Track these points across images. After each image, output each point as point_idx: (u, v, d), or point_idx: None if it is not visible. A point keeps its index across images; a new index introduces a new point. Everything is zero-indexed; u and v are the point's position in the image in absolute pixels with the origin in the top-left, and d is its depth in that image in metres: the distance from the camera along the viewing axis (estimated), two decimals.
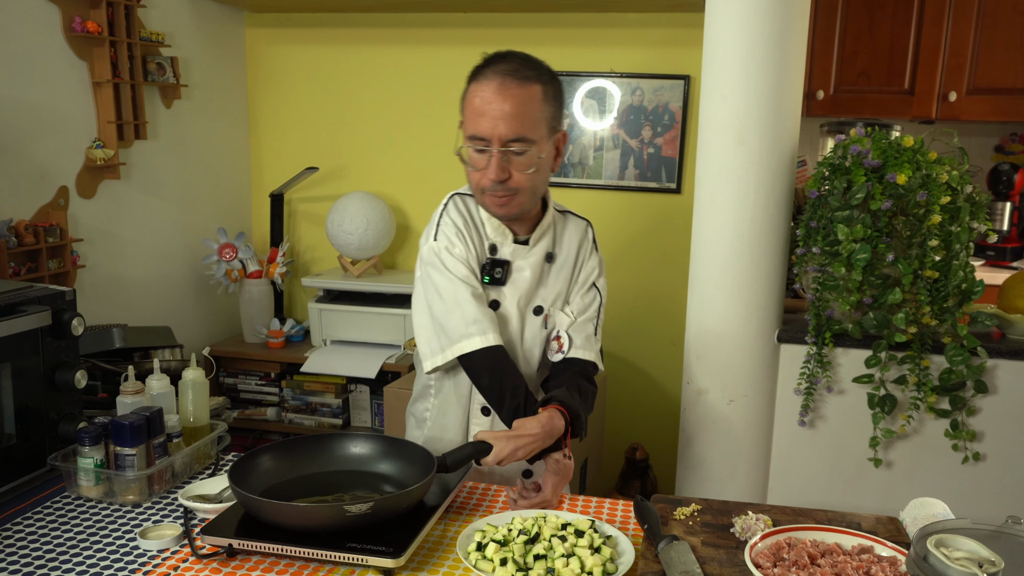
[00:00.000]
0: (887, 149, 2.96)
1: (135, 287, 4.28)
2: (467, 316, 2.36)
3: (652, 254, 4.71)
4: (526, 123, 2.28)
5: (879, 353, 3.10)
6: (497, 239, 2.47)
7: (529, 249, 2.49)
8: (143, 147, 4.24)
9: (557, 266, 2.55)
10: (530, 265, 2.49)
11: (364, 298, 4.64)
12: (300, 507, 1.83)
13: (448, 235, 2.42)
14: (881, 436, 3.20)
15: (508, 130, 2.25)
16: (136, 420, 2.18)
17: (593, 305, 2.58)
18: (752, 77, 3.06)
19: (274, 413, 4.67)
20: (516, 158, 2.29)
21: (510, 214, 2.39)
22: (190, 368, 2.48)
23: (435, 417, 2.60)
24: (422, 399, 2.66)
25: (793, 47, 3.09)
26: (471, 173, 2.35)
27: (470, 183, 2.40)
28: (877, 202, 2.90)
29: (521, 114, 2.27)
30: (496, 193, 2.32)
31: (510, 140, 2.26)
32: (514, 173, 2.30)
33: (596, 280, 2.60)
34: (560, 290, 2.55)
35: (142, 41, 4.06)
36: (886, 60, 4.09)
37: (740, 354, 3.26)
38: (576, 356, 2.51)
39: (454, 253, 2.40)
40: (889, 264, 2.94)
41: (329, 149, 5.09)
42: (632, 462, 4.43)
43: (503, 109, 2.26)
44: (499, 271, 2.45)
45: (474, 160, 2.32)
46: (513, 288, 2.48)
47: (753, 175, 3.11)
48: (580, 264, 2.59)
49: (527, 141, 2.28)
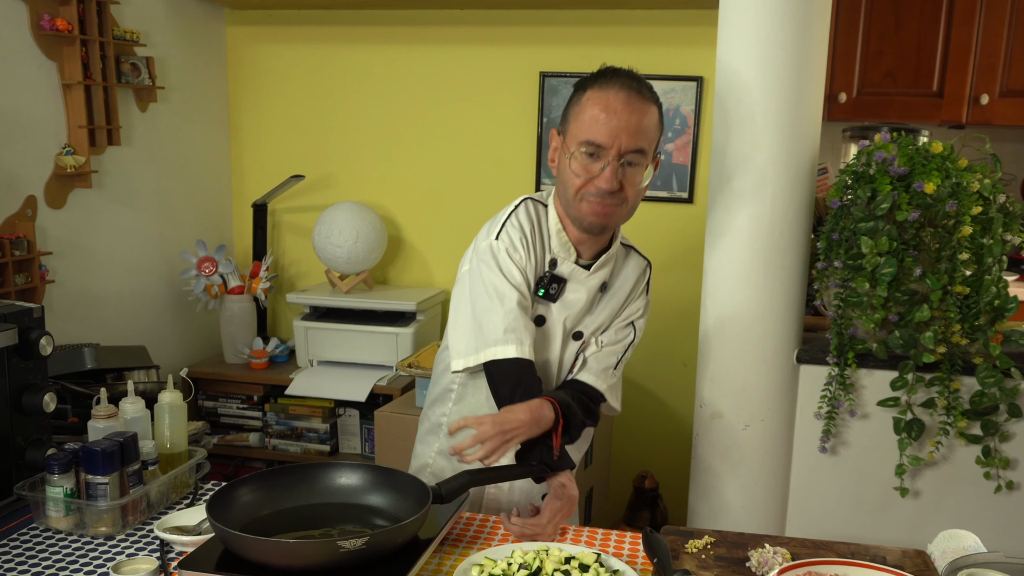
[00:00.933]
0: (914, 156, 2.97)
1: (108, 304, 4.28)
2: (508, 322, 2.42)
3: (662, 269, 4.69)
4: (645, 138, 2.40)
5: (906, 375, 3.10)
6: (560, 254, 2.55)
7: (589, 274, 2.57)
8: (116, 153, 4.24)
9: (607, 297, 2.63)
10: (586, 290, 2.57)
11: (353, 316, 4.64)
12: (289, 543, 1.82)
13: (512, 237, 2.49)
14: (908, 463, 3.20)
15: (630, 141, 2.36)
16: (109, 446, 2.18)
17: (624, 340, 2.67)
18: (769, 79, 3.06)
19: (257, 439, 4.67)
20: (630, 170, 2.40)
21: (606, 224, 2.47)
22: (167, 391, 2.48)
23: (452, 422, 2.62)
24: (440, 403, 2.69)
25: (813, 46, 3.09)
26: (572, 179, 2.42)
27: (566, 192, 2.46)
28: (903, 213, 2.90)
29: (644, 129, 2.39)
30: (604, 200, 2.40)
31: (629, 151, 2.37)
32: (625, 185, 2.41)
33: (636, 320, 2.68)
34: (603, 322, 2.63)
35: (115, 40, 4.07)
36: (913, 60, 4.10)
37: (756, 376, 3.26)
38: (582, 379, 2.55)
39: (513, 257, 2.47)
40: (916, 279, 2.95)
41: (316, 156, 5.09)
42: (641, 491, 4.42)
43: (629, 121, 2.36)
44: (555, 287, 2.53)
45: (584, 166, 2.40)
46: (562, 308, 2.55)
47: (770, 184, 3.12)
48: (628, 301, 2.67)
49: (643, 155, 2.39)
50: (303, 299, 4.68)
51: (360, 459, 4.56)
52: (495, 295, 2.44)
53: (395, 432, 3.86)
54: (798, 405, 3.32)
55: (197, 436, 2.93)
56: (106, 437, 2.24)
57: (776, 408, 3.29)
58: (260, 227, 4.96)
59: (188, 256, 4.64)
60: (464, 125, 4.82)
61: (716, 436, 3.34)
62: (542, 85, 4.65)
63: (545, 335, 2.54)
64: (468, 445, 2.19)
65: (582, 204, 2.43)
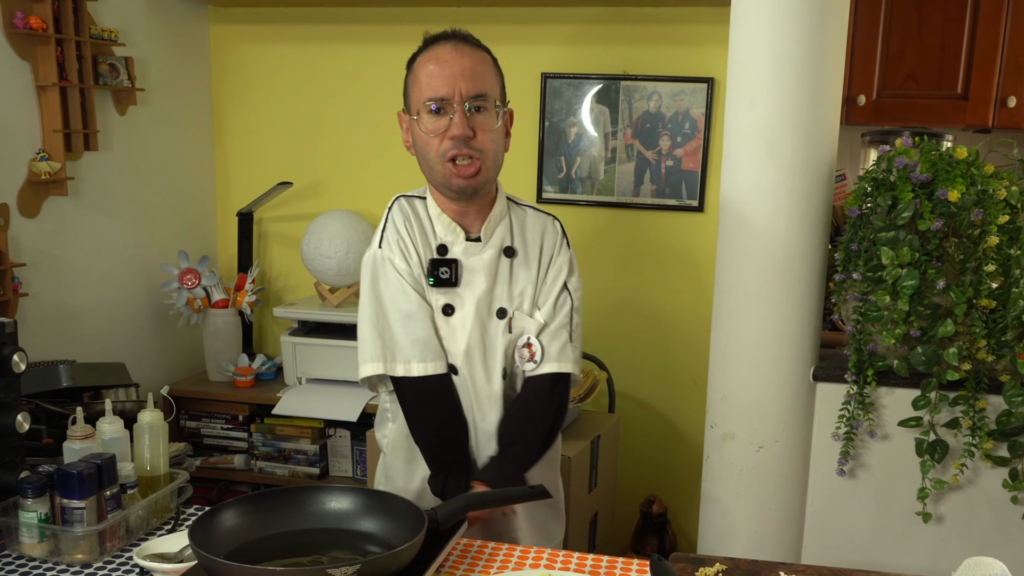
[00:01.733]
0: (937, 162, 2.97)
1: (84, 318, 4.29)
2: (410, 335, 2.54)
3: (670, 281, 4.72)
4: (485, 81, 2.51)
5: (928, 393, 3.10)
6: (448, 238, 2.62)
7: (482, 245, 2.62)
8: (94, 159, 4.25)
9: (519, 262, 2.66)
10: (484, 263, 2.62)
11: (344, 331, 4.63)
12: (276, 572, 1.82)
13: (391, 242, 2.59)
14: (931, 487, 3.20)
15: (470, 86, 2.47)
16: (85, 469, 2.18)
17: (564, 308, 2.69)
18: (784, 80, 3.07)
19: (242, 461, 4.67)
20: (478, 116, 2.49)
21: (477, 184, 2.53)
22: (147, 410, 2.48)
23: (393, 445, 2.71)
24: (380, 426, 2.78)
25: (831, 46, 3.10)
26: (430, 143, 2.52)
27: (428, 161, 2.56)
28: (926, 222, 2.91)
29: (480, 72, 2.50)
30: (462, 153, 2.48)
31: (471, 96, 2.46)
32: (478, 131, 2.49)
33: (567, 280, 2.71)
34: (524, 290, 2.66)
35: (92, 39, 4.08)
36: (936, 61, 4.11)
37: (771, 394, 3.26)
38: (549, 371, 2.63)
39: (396, 264, 2.56)
40: (940, 292, 2.95)
41: (305, 161, 5.10)
42: (648, 516, 4.42)
43: (462, 65, 2.48)
44: (445, 271, 2.58)
45: (432, 124, 2.50)
46: (470, 290, 2.61)
47: (785, 191, 3.13)
48: (548, 261, 2.71)
49: (487, 98, 2.49)
50: (291, 313, 4.68)
51: (351, 482, 4.56)
52: (391, 309, 2.57)
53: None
54: (815, 425, 3.33)
55: (179, 458, 2.93)
56: (82, 459, 2.24)
57: (791, 429, 3.29)
58: (245, 237, 4.97)
59: (169, 268, 4.64)
60: None
61: (728, 458, 3.34)
62: (544, 87, 4.66)
63: (461, 324, 2.59)
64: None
65: (447, 168, 2.51)
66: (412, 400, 2.58)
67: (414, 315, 2.54)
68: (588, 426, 4.04)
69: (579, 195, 4.72)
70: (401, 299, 2.55)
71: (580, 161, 4.73)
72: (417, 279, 2.57)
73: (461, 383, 2.60)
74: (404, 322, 2.54)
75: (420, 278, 2.58)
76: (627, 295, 4.69)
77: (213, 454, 4.70)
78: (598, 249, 4.72)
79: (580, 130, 4.69)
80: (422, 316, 2.55)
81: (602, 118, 4.65)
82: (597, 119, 4.66)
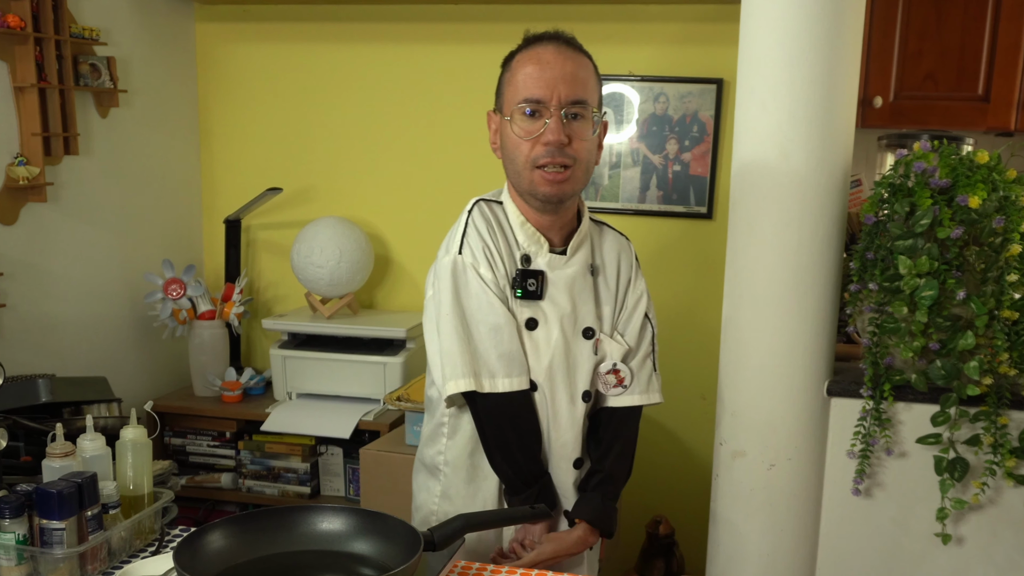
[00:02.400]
0: (957, 166, 2.97)
1: (64, 330, 4.29)
2: (497, 349, 2.52)
3: (678, 291, 4.72)
4: (586, 87, 2.50)
5: (948, 409, 3.10)
6: (531, 248, 2.60)
7: (567, 259, 2.62)
8: (74, 164, 4.26)
9: (602, 281, 2.69)
10: (568, 278, 2.62)
11: (337, 343, 4.64)
12: None
13: (474, 249, 2.55)
14: (950, 507, 3.19)
15: (569, 91, 2.45)
16: (65, 488, 2.18)
17: (647, 337, 2.75)
18: (797, 80, 3.08)
19: (229, 480, 4.67)
20: (575, 123, 2.48)
21: (562, 192, 2.52)
22: (130, 426, 2.48)
23: (454, 462, 2.67)
24: (433, 441, 2.74)
25: (846, 45, 3.10)
26: (520, 146, 2.50)
27: (515, 165, 2.54)
28: (945, 229, 2.91)
29: (581, 77, 2.49)
30: (554, 161, 2.46)
31: (570, 102, 2.45)
32: (573, 139, 2.47)
33: (648, 310, 2.77)
34: (610, 312, 2.70)
35: (73, 38, 4.09)
36: (956, 61, 4.10)
37: (783, 410, 3.26)
38: (638, 403, 2.72)
39: (481, 272, 2.53)
40: (960, 303, 2.95)
41: (295, 166, 5.10)
42: (655, 538, 4.42)
43: (564, 69, 2.46)
44: (532, 283, 2.57)
45: (526, 128, 2.48)
46: (553, 306, 2.59)
47: (798, 197, 3.13)
48: (626, 286, 2.75)
49: (586, 105, 2.48)
50: (281, 325, 4.69)
51: (344, 502, 4.56)
52: (474, 319, 2.53)
53: (383, 472, 3.87)
54: (829, 442, 3.33)
55: (163, 477, 2.93)
56: (62, 478, 2.24)
57: (804, 446, 3.29)
58: (233, 245, 4.97)
59: (153, 277, 4.65)
60: (460, 132, 4.82)
61: (738, 477, 3.34)
62: None
63: (545, 340, 2.59)
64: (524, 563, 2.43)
65: (534, 173, 2.49)
66: (495, 417, 2.56)
67: (501, 328, 2.52)
68: None
69: None
70: (487, 310, 2.52)
71: None
72: (502, 289, 2.56)
73: (540, 400, 2.60)
74: (491, 335, 2.52)
75: (505, 288, 2.56)
76: None
77: (199, 473, 4.70)
78: None
79: None
80: (509, 329, 2.53)
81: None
82: None
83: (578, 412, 2.63)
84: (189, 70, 5.06)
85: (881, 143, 4.50)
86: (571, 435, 2.63)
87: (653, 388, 2.75)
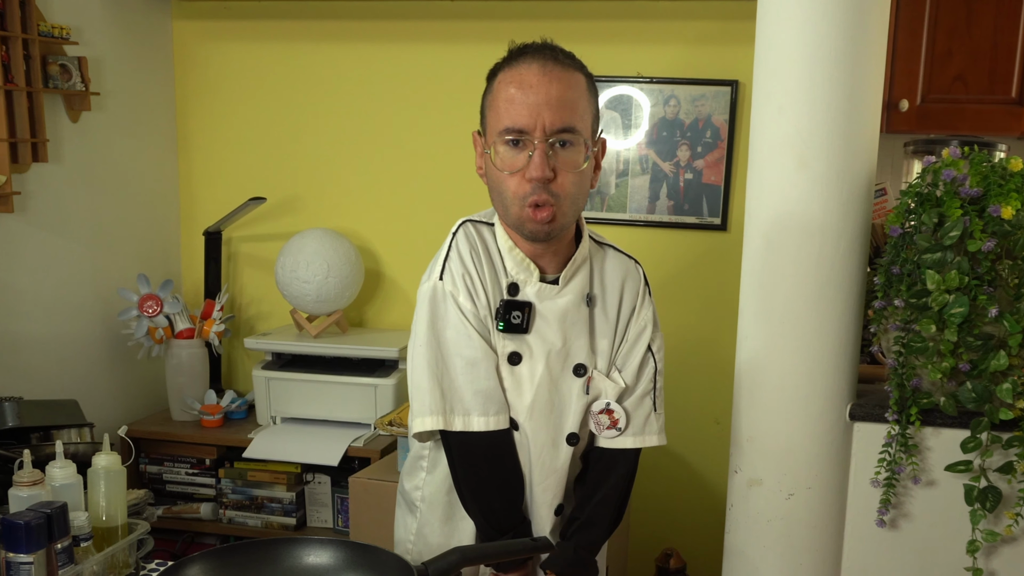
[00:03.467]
0: (989, 175, 2.97)
1: (32, 350, 4.29)
2: (473, 385, 2.49)
3: (689, 308, 4.72)
4: (575, 111, 2.39)
5: (979, 434, 3.10)
6: (520, 276, 2.55)
7: (559, 289, 2.56)
8: (43, 171, 4.26)
9: (599, 312, 2.63)
10: (559, 309, 2.56)
11: (324, 364, 4.65)
12: None
13: (455, 275, 2.52)
14: (982, 539, 3.19)
15: (555, 118, 2.35)
16: (34, 519, 2.18)
17: (647, 373, 2.67)
18: (818, 82, 3.08)
19: (209, 510, 4.67)
20: (562, 153, 2.39)
21: (551, 229, 2.45)
22: (102, 453, 2.49)
23: (430, 499, 2.66)
24: (412, 474, 2.73)
25: (870, 45, 3.11)
26: (505, 180, 2.42)
27: (502, 198, 2.48)
28: (976, 242, 2.91)
29: (569, 100, 2.38)
30: (538, 199, 2.39)
31: (556, 130, 2.35)
32: (559, 172, 2.39)
33: (652, 343, 2.69)
34: (607, 347, 2.63)
35: (41, 37, 4.09)
36: (988, 61, 4.11)
37: (802, 435, 3.26)
38: (632, 445, 2.64)
39: (460, 301, 2.50)
40: (992, 321, 2.95)
41: (280, 174, 5.11)
42: (665, 572, 4.42)
43: (548, 93, 2.35)
44: (517, 315, 2.52)
45: (508, 160, 2.40)
46: (539, 339, 2.55)
47: (819, 208, 3.13)
48: (628, 315, 2.68)
49: (575, 132, 2.38)
50: (264, 344, 4.69)
51: (332, 534, 4.56)
52: (451, 351, 2.51)
53: (373, 502, 3.87)
54: (851, 470, 3.33)
55: (138, 507, 2.93)
56: (31, 508, 2.25)
57: (825, 474, 3.29)
58: (213, 259, 4.97)
59: (128, 293, 4.65)
60: (457, 138, 4.76)
61: (754, 507, 3.34)
62: None
63: (528, 378, 2.56)
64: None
65: (524, 213, 2.43)
66: (468, 457, 2.53)
67: (478, 363, 2.50)
68: None
69: (588, 212, 4.70)
70: (464, 343, 2.50)
71: None
72: (483, 321, 2.53)
73: (521, 441, 2.58)
74: (467, 369, 2.49)
75: (486, 319, 2.53)
76: None
77: (177, 502, 4.70)
78: None
79: None
80: (487, 364, 2.50)
81: (613, 125, 4.66)
82: (608, 126, 4.66)
83: (562, 456, 2.61)
84: (166, 71, 5.07)
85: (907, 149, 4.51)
86: (553, 480, 2.61)
87: (651, 429, 2.68)
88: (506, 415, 2.53)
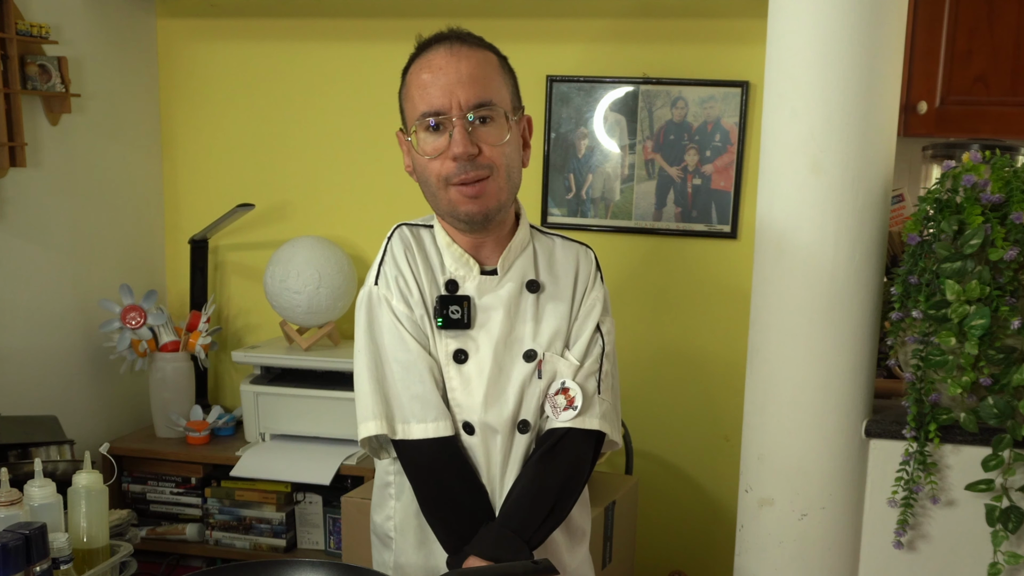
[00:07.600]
0: (1012, 180, 2.98)
1: (9, 363, 4.29)
2: (409, 390, 2.52)
3: (697, 320, 4.72)
4: (488, 86, 2.47)
5: (1001, 451, 3.10)
6: (459, 272, 2.60)
7: (500, 278, 2.60)
8: (20, 177, 4.26)
9: (547, 298, 2.65)
10: (502, 299, 2.60)
11: (315, 378, 4.65)
12: None
13: (389, 279, 2.57)
14: (1004, 562, 3.19)
15: (469, 94, 2.43)
16: (11, 540, 2.18)
17: (593, 353, 2.67)
18: (832, 84, 3.08)
19: (195, 531, 4.66)
20: (483, 128, 2.46)
21: (488, 208, 2.50)
22: (83, 471, 2.49)
23: (401, 526, 2.66)
24: (382, 505, 2.73)
25: (887, 44, 3.11)
26: (429, 165, 2.49)
27: (430, 187, 2.53)
28: (998, 250, 2.91)
29: (481, 76, 2.47)
30: (467, 177, 2.45)
31: (473, 105, 2.43)
32: (484, 147, 2.45)
33: (602, 323, 2.70)
34: (558, 328, 2.64)
35: (19, 36, 4.09)
36: (1010, 62, 4.10)
37: (816, 453, 3.26)
38: (564, 425, 2.58)
39: (393, 305, 2.54)
40: (1014, 333, 2.95)
41: (269, 180, 5.11)
42: None
43: (459, 71, 2.45)
44: (456, 310, 2.56)
45: (430, 144, 2.47)
46: (485, 332, 2.58)
47: (833, 215, 3.14)
48: (581, 297, 2.70)
49: (492, 106, 2.45)
50: (253, 358, 4.69)
51: (324, 556, 4.55)
52: (390, 358, 2.54)
53: (367, 523, 3.84)
54: (867, 489, 3.33)
55: (121, 528, 2.93)
56: (8, 529, 2.25)
57: (840, 493, 3.29)
58: (199, 268, 4.97)
59: (110, 304, 4.65)
60: None
61: (765, 527, 3.34)
62: (549, 91, 4.68)
63: (478, 369, 2.57)
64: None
65: (449, 192, 2.48)
66: (415, 468, 2.55)
67: (412, 367, 2.52)
68: (602, 490, 4.03)
69: (591, 219, 4.74)
70: (399, 347, 2.53)
71: (592, 179, 4.73)
72: (418, 323, 2.55)
73: (479, 443, 2.58)
74: (403, 374, 2.52)
75: (422, 321, 2.56)
76: (645, 337, 4.70)
77: (161, 523, 4.70)
78: (611, 282, 4.69)
79: (592, 143, 4.70)
80: (420, 367, 2.52)
81: (618, 128, 4.66)
82: (612, 130, 4.67)
83: (519, 448, 2.60)
84: (150, 71, 5.07)
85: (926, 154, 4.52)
86: (516, 470, 2.61)
87: (592, 413, 2.60)
88: (447, 422, 2.53)
